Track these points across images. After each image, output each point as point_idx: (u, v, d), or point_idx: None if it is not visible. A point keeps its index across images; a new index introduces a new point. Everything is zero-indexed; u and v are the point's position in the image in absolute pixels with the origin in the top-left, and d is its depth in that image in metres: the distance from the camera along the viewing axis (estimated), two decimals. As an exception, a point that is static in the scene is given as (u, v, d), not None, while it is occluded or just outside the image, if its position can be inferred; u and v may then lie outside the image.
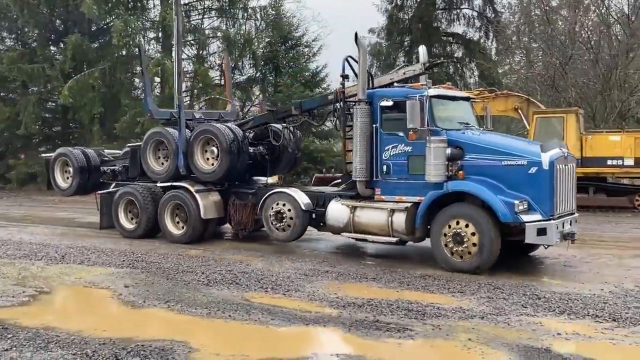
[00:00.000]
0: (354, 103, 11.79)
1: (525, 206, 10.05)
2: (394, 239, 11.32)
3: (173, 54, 29.29)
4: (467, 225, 10.37)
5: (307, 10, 53.89)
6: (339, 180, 14.21)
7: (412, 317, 8.04)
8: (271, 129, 14.34)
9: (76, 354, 6.56)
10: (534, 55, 34.39)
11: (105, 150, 17.53)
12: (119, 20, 31.18)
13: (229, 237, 15.37)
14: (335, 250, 13.16)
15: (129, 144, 16.55)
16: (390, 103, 11.34)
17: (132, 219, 14.48)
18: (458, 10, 35.48)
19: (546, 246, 11.00)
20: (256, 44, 35.75)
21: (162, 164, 14.28)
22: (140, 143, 14.80)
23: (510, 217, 10.03)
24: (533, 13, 34.68)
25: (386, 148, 11.37)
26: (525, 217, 10.03)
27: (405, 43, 36.44)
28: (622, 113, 26.91)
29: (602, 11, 31.31)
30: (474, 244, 10.32)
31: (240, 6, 35.34)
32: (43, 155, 19.13)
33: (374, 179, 11.52)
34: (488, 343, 7.01)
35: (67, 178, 16.04)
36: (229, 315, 8.13)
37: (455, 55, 36.42)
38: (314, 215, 12.55)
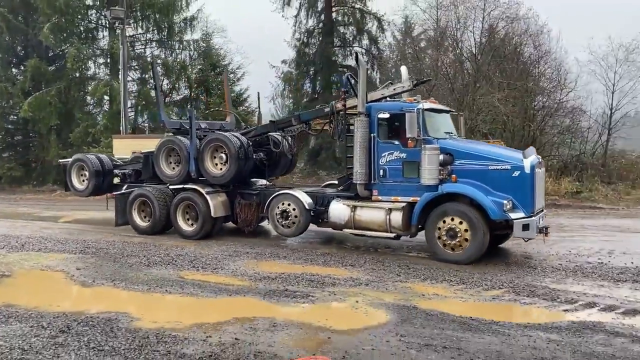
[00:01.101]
0: (353, 115, 11.10)
1: (511, 205, 9.53)
2: (391, 235, 10.61)
3: (120, 77, 29.34)
4: (460, 222, 9.76)
5: (232, 43, 53.34)
6: (333, 182, 13.56)
7: (314, 286, 8.14)
8: (271, 137, 13.37)
9: (33, 326, 6.27)
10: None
11: (115, 156, 16.16)
12: (73, 47, 30.84)
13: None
14: (254, 236, 13.10)
15: (135, 151, 15.32)
16: (387, 115, 10.66)
17: (145, 217, 13.29)
18: (350, 48, 36.03)
19: (526, 239, 10.19)
20: (190, 69, 35.47)
21: (173, 168, 13.17)
22: (153, 150, 13.71)
23: (500, 215, 9.49)
24: (407, 52, 35.85)
25: (383, 155, 10.66)
26: (512, 215, 9.49)
27: (311, 72, 36.68)
28: (472, 129, 28.18)
29: (457, 51, 32.77)
30: (466, 239, 9.71)
31: (177, 39, 35.14)
32: (60, 160, 17.46)
33: (372, 181, 10.79)
34: (371, 304, 7.21)
35: (83, 181, 14.72)
36: (166, 290, 7.96)
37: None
38: (311, 213, 11.70)
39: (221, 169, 12.46)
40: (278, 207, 11.89)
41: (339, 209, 11.11)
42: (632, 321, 6.51)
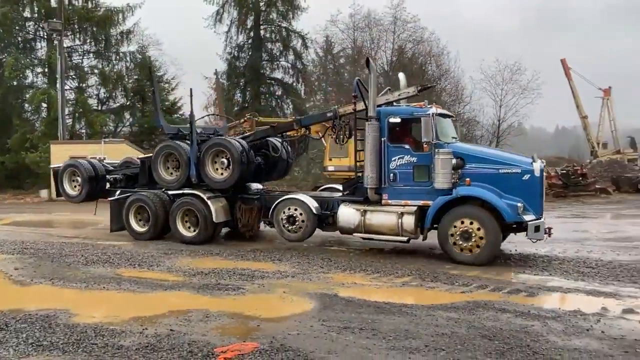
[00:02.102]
0: (362, 119, 10.28)
1: (523, 208, 8.91)
2: (403, 238, 9.72)
3: (57, 86, 27.85)
4: (473, 224, 9.03)
5: (166, 56, 51.78)
6: (331, 186, 12.82)
7: (245, 279, 8.04)
8: (271, 142, 12.39)
9: (-30, 326, 5.80)
10: (329, 95, 35.97)
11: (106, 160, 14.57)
12: (11, 57, 29.09)
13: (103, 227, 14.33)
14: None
15: (127, 157, 14.26)
16: (398, 120, 9.87)
17: (141, 223, 12.03)
18: (278, 62, 36.09)
19: (535, 240, 9.36)
20: (127, 79, 34.22)
21: (171, 173, 12.02)
22: (150, 155, 12.71)
23: (514, 217, 8.84)
24: (328, 67, 36.35)
25: (393, 159, 9.79)
26: (525, 217, 8.89)
27: (241, 83, 36.38)
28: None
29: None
30: (481, 240, 8.98)
31: (114, 50, 33.81)
32: (51, 166, 15.69)
33: (382, 185, 9.90)
34: (297, 293, 7.21)
35: (75, 187, 13.32)
36: (104, 287, 7.59)
37: (276, 93, 36.98)
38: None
39: (222, 173, 11.39)
40: (284, 212, 10.79)
41: (348, 214, 10.17)
42: (515, 299, 6.92)
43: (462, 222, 9.11)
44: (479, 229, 8.98)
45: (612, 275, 8.40)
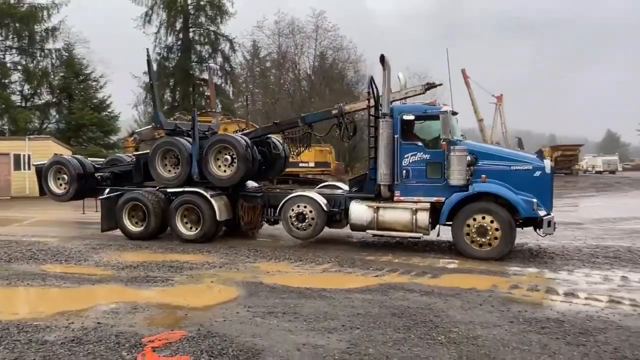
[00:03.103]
0: (374, 117, 9.64)
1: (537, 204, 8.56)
2: (417, 234, 9.14)
3: None
4: (489, 219, 8.58)
5: (94, 54, 48.73)
6: (330, 183, 12.00)
7: (173, 271, 7.78)
8: (272, 139, 11.58)
9: None
10: (256, 97, 35.60)
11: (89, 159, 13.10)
12: None
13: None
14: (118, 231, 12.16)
15: (114, 155, 12.87)
16: (412, 117, 9.23)
17: (136, 222, 10.86)
18: (207, 64, 35.12)
19: (544, 235, 8.97)
20: (52, 76, 31.81)
21: (169, 170, 10.88)
22: (144, 152, 11.47)
23: (530, 213, 8.48)
24: (255, 70, 35.93)
25: (406, 156, 9.19)
26: (540, 213, 8.56)
27: (171, 83, 35.05)
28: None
29: (296, 72, 33.71)
30: (496, 236, 8.54)
31: (38, 47, 31.22)
32: (34, 163, 13.44)
33: (395, 182, 9.29)
34: (224, 282, 7.09)
35: (61, 185, 11.88)
36: (28, 284, 7.03)
37: (206, 93, 35.97)
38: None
39: (225, 171, 10.46)
40: (293, 210, 9.96)
41: (360, 210, 9.46)
42: (421, 281, 7.24)
43: (476, 219, 8.68)
44: (492, 222, 8.57)
45: (501, 257, 9.03)
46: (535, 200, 8.50)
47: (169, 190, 10.75)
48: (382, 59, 9.30)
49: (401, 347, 4.61)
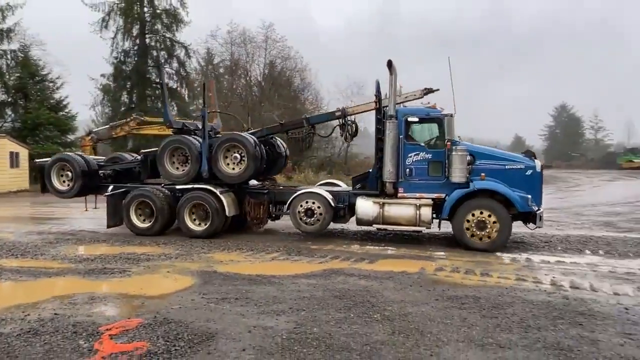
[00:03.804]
0: (377, 119, 9.39)
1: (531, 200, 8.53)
2: (420, 228, 8.97)
3: None
4: (487, 214, 8.52)
5: (50, 56, 45.54)
6: (329, 181, 11.41)
7: (130, 263, 7.45)
8: (275, 139, 11.09)
9: None
10: (208, 100, 34.75)
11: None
12: None
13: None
14: (75, 224, 11.49)
15: (116, 153, 11.76)
16: (416, 119, 9.08)
17: (142, 218, 10.16)
18: (163, 69, 33.76)
19: (533, 227, 8.90)
20: (8, 76, 29.46)
21: (177, 168, 10.24)
22: (154, 149, 10.63)
23: (526, 208, 8.47)
24: (209, 76, 35.01)
25: (409, 155, 9.00)
26: (534, 208, 8.56)
27: (128, 86, 33.40)
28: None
29: (247, 79, 33.25)
30: (495, 229, 8.49)
31: (-8, 47, 28.77)
32: (37, 160, 12.31)
33: (398, 180, 9.07)
34: (180, 272, 6.87)
35: (64, 181, 10.95)
36: (-18, 278, 6.50)
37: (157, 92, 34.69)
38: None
39: (233, 168, 9.95)
40: (301, 206, 9.54)
41: (366, 206, 9.20)
42: (360, 266, 7.37)
43: (475, 214, 8.63)
44: (490, 217, 8.55)
45: (429, 244, 9.38)
46: (530, 196, 8.54)
47: (177, 187, 10.18)
48: (390, 64, 8.94)
49: (342, 326, 4.67)
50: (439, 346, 4.19)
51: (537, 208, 8.64)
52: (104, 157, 12.38)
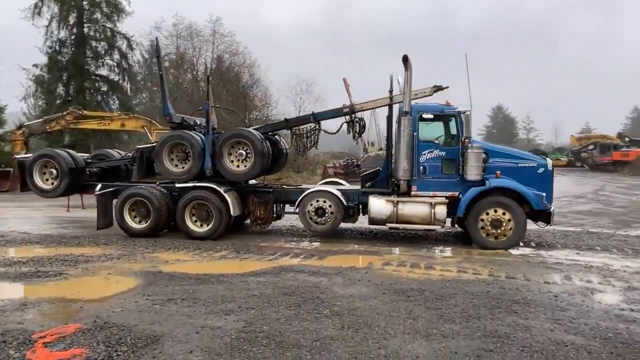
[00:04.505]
0: (389, 116, 9.12)
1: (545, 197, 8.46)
2: (434, 227, 8.66)
3: None
4: (501, 212, 8.36)
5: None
6: (333, 180, 10.77)
7: (67, 265, 6.98)
8: (277, 136, 10.47)
9: None
10: (153, 94, 33.37)
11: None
12: None
13: None
14: (4, 225, 10.59)
15: (101, 150, 10.97)
16: (431, 116, 8.80)
17: (137, 218, 9.33)
18: (103, 60, 31.95)
19: (544, 225, 9.04)
20: None
21: (177, 165, 9.44)
22: (147, 145, 9.80)
23: (541, 206, 8.39)
24: (153, 69, 33.62)
25: (423, 153, 8.72)
26: (548, 206, 8.51)
27: (64, 77, 31.25)
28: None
29: (194, 73, 32.30)
30: (510, 228, 8.34)
31: None
32: (17, 157, 11.03)
33: (412, 177, 8.75)
34: (122, 274, 6.54)
35: (47, 179, 9.91)
36: None
37: (102, 89, 32.78)
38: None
39: (238, 166, 9.33)
40: (311, 205, 9.11)
41: (380, 205, 8.86)
42: (310, 262, 7.38)
43: (489, 212, 8.47)
44: (504, 215, 8.43)
45: (376, 239, 9.58)
46: (544, 194, 8.49)
47: (177, 185, 9.49)
48: (405, 59, 8.66)
49: (292, 323, 4.65)
50: (386, 339, 4.28)
51: (550, 206, 8.68)
52: (87, 155, 11.31)
